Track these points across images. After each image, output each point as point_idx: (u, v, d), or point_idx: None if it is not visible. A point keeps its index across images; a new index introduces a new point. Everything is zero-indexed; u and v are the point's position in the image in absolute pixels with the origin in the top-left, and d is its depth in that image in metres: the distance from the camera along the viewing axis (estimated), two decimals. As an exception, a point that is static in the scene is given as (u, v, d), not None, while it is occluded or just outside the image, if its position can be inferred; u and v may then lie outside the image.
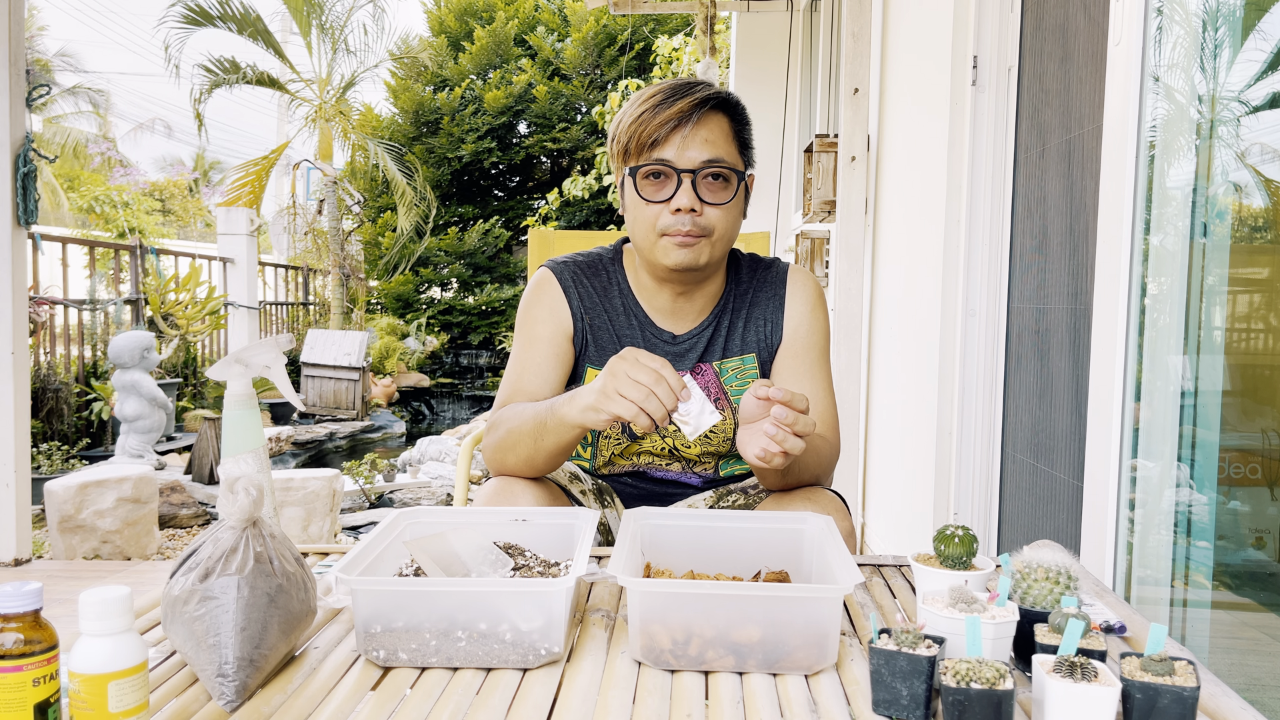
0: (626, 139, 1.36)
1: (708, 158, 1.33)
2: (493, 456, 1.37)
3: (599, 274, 1.49)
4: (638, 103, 1.37)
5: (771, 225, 5.43)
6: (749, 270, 1.51)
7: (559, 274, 1.48)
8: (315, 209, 10.59)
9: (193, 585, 0.86)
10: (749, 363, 1.47)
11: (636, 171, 1.36)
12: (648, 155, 1.35)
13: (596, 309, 1.47)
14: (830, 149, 3.90)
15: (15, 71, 3.40)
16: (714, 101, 1.36)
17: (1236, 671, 1.51)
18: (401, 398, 11.19)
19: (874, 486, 3.67)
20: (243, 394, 1.09)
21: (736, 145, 1.38)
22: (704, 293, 1.46)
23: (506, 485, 1.34)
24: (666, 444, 1.47)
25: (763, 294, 1.49)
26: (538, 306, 1.47)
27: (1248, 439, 1.49)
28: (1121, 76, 1.63)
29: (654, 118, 1.33)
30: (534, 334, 1.46)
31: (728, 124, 1.37)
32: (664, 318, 1.47)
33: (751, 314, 1.48)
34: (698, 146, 1.33)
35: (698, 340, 1.46)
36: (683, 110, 1.33)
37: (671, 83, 1.38)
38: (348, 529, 5.02)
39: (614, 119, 1.40)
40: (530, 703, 0.84)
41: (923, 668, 0.80)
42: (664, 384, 1.12)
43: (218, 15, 9.70)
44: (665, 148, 1.34)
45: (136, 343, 5.75)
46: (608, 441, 1.48)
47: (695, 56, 8.22)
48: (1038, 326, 2.26)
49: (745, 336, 1.48)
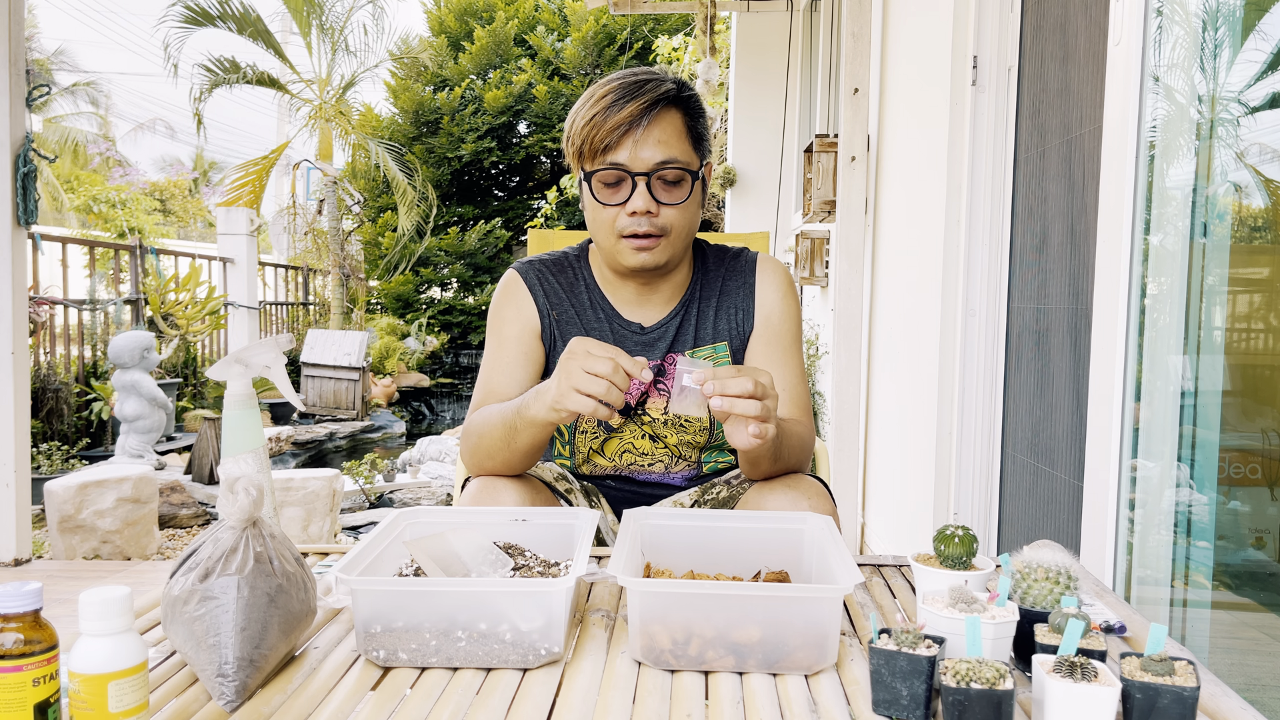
0: (580, 141, 1.36)
1: (661, 159, 1.34)
2: (471, 461, 1.39)
3: (565, 271, 1.51)
4: (590, 103, 1.36)
5: (771, 225, 5.43)
6: (716, 259, 1.53)
7: (524, 273, 1.51)
8: (315, 209, 10.59)
9: (193, 585, 0.86)
10: (721, 350, 1.48)
11: (591, 176, 1.36)
12: (601, 159, 1.35)
13: (563, 305, 1.49)
14: (830, 149, 3.90)
15: (15, 71, 3.40)
16: (664, 100, 1.35)
17: (1236, 671, 1.51)
18: (401, 398, 11.19)
19: (874, 486, 3.67)
20: (243, 394, 1.09)
21: (690, 140, 1.38)
22: (669, 283, 1.48)
23: (489, 484, 1.35)
24: (645, 430, 1.48)
25: (733, 282, 1.50)
26: (505, 307, 1.49)
27: (1248, 439, 1.49)
28: (1121, 76, 1.63)
29: (605, 121, 1.33)
30: (502, 335, 1.48)
31: (680, 120, 1.37)
32: (631, 309, 1.48)
33: (722, 302, 1.50)
34: (650, 147, 1.34)
35: (666, 330, 1.48)
36: (633, 114, 1.33)
37: (622, 79, 1.37)
38: (348, 529, 5.02)
39: (569, 116, 1.40)
40: (530, 703, 0.84)
41: (923, 668, 0.80)
42: (619, 371, 1.13)
43: (217, 15, 9.69)
44: (618, 151, 1.34)
45: (136, 343, 5.75)
46: (584, 437, 1.49)
47: (695, 56, 8.21)
48: (1038, 326, 2.26)
49: (717, 324, 1.49)
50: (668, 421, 1.47)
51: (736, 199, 6.70)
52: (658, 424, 1.47)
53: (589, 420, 1.47)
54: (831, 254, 4.03)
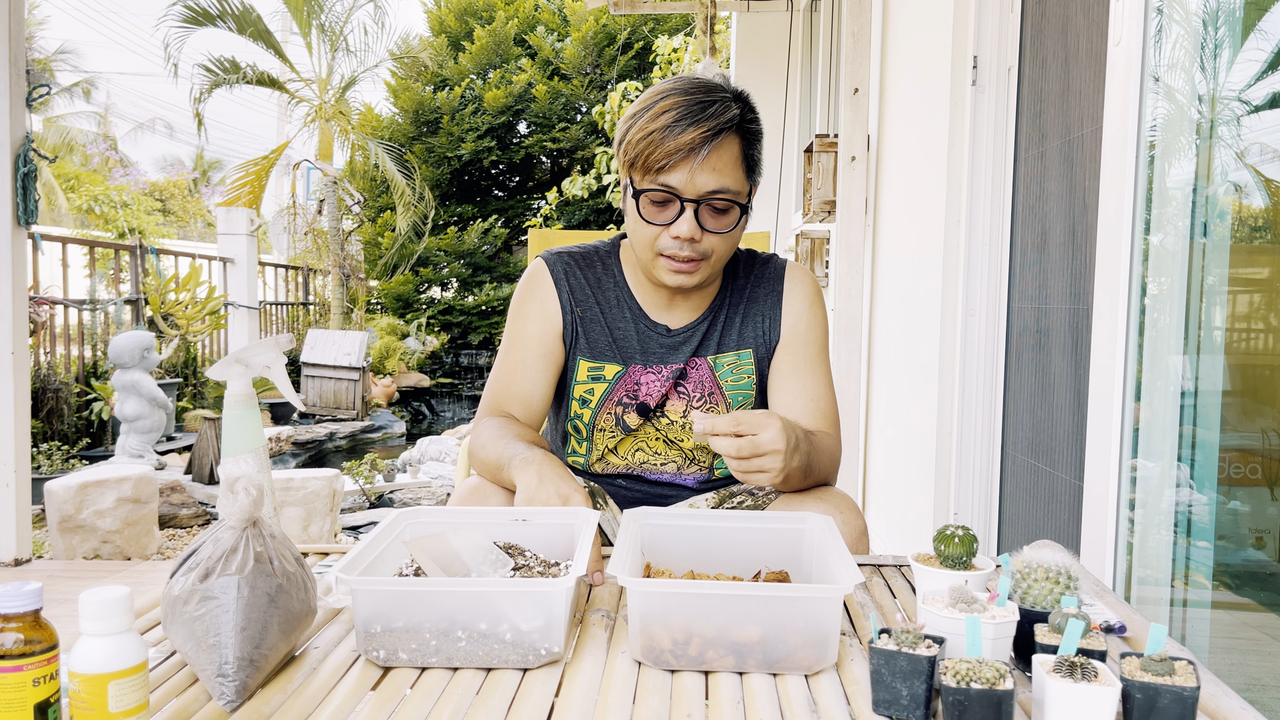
0: (634, 155, 1.32)
1: (714, 188, 1.31)
2: (473, 460, 1.41)
3: (594, 266, 1.50)
4: (649, 116, 1.31)
5: (771, 225, 5.43)
6: (746, 267, 1.52)
7: (552, 265, 1.49)
8: (315, 209, 10.59)
9: (193, 585, 0.86)
10: (745, 358, 1.48)
11: (641, 193, 1.34)
12: (653, 179, 1.32)
13: (588, 301, 1.47)
14: (830, 149, 3.90)
15: (15, 71, 3.40)
16: (727, 128, 1.31)
17: (1236, 671, 1.51)
18: (401, 398, 11.19)
19: (874, 486, 3.67)
20: (243, 394, 1.09)
21: (744, 169, 1.35)
22: (700, 290, 1.47)
23: (482, 486, 1.36)
24: (663, 433, 1.48)
25: (760, 290, 1.49)
26: (529, 301, 1.48)
27: (1248, 439, 1.49)
28: (1121, 76, 1.63)
29: (663, 142, 1.29)
30: (524, 331, 1.47)
31: (738, 148, 1.34)
32: (659, 312, 1.48)
33: (749, 310, 1.49)
34: (705, 175, 1.30)
35: (693, 334, 1.47)
36: (693, 142, 1.29)
37: (687, 96, 1.31)
38: (348, 529, 5.02)
39: (624, 118, 1.36)
40: (530, 703, 0.84)
41: (923, 668, 0.80)
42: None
43: (217, 15, 9.70)
44: (671, 174, 1.31)
45: (136, 343, 5.75)
46: (603, 435, 1.49)
47: (695, 56, 8.21)
48: (1038, 326, 2.26)
49: (743, 332, 1.48)
50: (685, 425, 1.47)
51: (736, 199, 6.69)
52: (675, 426, 1.47)
53: (606, 419, 1.47)
54: (831, 254, 4.03)
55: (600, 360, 1.46)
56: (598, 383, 1.46)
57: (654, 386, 1.45)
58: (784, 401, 1.45)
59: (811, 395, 1.45)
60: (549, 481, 1.19)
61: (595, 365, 1.46)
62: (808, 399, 1.44)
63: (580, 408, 1.47)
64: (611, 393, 1.45)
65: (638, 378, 1.45)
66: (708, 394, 1.46)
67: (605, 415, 1.46)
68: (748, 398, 1.47)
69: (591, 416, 1.47)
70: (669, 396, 1.46)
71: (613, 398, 1.45)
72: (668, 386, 1.45)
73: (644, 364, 1.46)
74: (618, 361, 1.46)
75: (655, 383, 1.45)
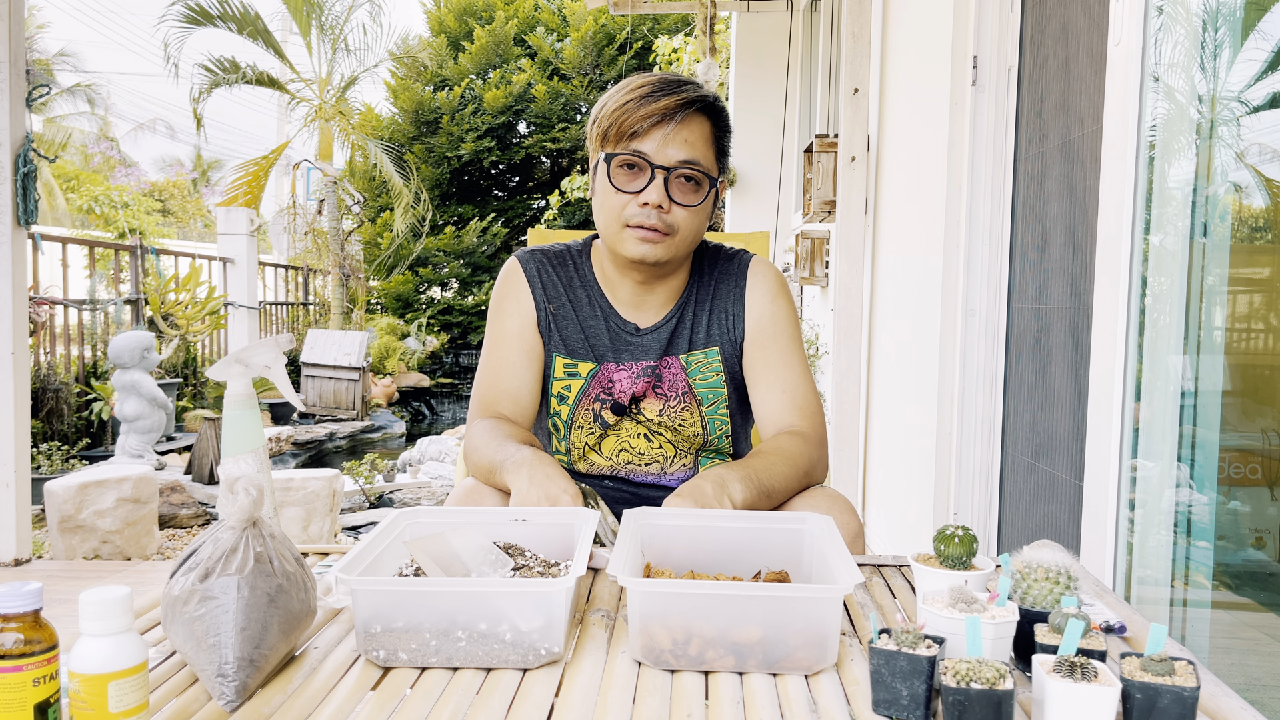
0: (607, 124, 1.37)
1: (684, 158, 1.35)
2: (469, 464, 1.43)
3: (565, 264, 1.52)
4: (625, 90, 1.38)
5: (771, 225, 5.43)
6: (711, 262, 1.53)
7: (525, 263, 1.52)
8: (315, 209, 10.59)
9: (193, 585, 0.86)
10: (712, 356, 1.48)
11: (612, 159, 1.37)
12: (625, 144, 1.36)
13: (560, 298, 1.49)
14: (830, 149, 3.90)
15: (15, 71, 3.40)
16: (700, 104, 1.37)
17: (1236, 671, 1.51)
18: (401, 398, 11.19)
19: (874, 486, 3.67)
20: (243, 394, 1.09)
21: (714, 150, 1.40)
22: (666, 286, 1.48)
23: (477, 487, 1.37)
24: (642, 429, 1.48)
25: (724, 286, 1.50)
26: (506, 299, 1.51)
27: (1248, 439, 1.49)
28: (1121, 76, 1.63)
29: (638, 109, 1.34)
30: (504, 329, 1.49)
31: (709, 128, 1.39)
32: (628, 309, 1.49)
33: (714, 306, 1.49)
34: (677, 145, 1.35)
35: (661, 333, 1.48)
36: (668, 107, 1.34)
37: (662, 76, 1.39)
38: (348, 529, 5.02)
39: (599, 101, 1.41)
40: (530, 703, 0.84)
41: (923, 668, 0.80)
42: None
43: (217, 15, 9.69)
44: (644, 140, 1.35)
45: (136, 343, 5.74)
46: (580, 433, 1.49)
47: (695, 56, 8.21)
48: (1038, 326, 2.26)
49: (709, 329, 1.49)
50: (662, 421, 1.48)
51: (737, 199, 6.71)
52: (653, 423, 1.48)
53: (584, 415, 1.48)
54: (831, 254, 4.03)
55: (575, 358, 1.48)
56: (574, 379, 1.48)
57: (626, 384, 1.46)
58: (760, 398, 1.47)
59: (784, 388, 1.45)
60: (538, 484, 1.21)
61: (570, 362, 1.49)
62: (780, 392, 1.45)
63: (559, 404, 1.49)
64: (588, 390, 1.48)
65: (611, 375, 1.47)
66: (681, 393, 1.47)
67: (583, 412, 1.48)
68: (719, 395, 1.48)
69: (570, 413, 1.48)
70: (645, 395, 1.47)
71: (589, 394, 1.48)
72: (640, 384, 1.46)
73: (616, 361, 1.48)
74: (590, 359, 1.48)
75: (626, 380, 1.47)
